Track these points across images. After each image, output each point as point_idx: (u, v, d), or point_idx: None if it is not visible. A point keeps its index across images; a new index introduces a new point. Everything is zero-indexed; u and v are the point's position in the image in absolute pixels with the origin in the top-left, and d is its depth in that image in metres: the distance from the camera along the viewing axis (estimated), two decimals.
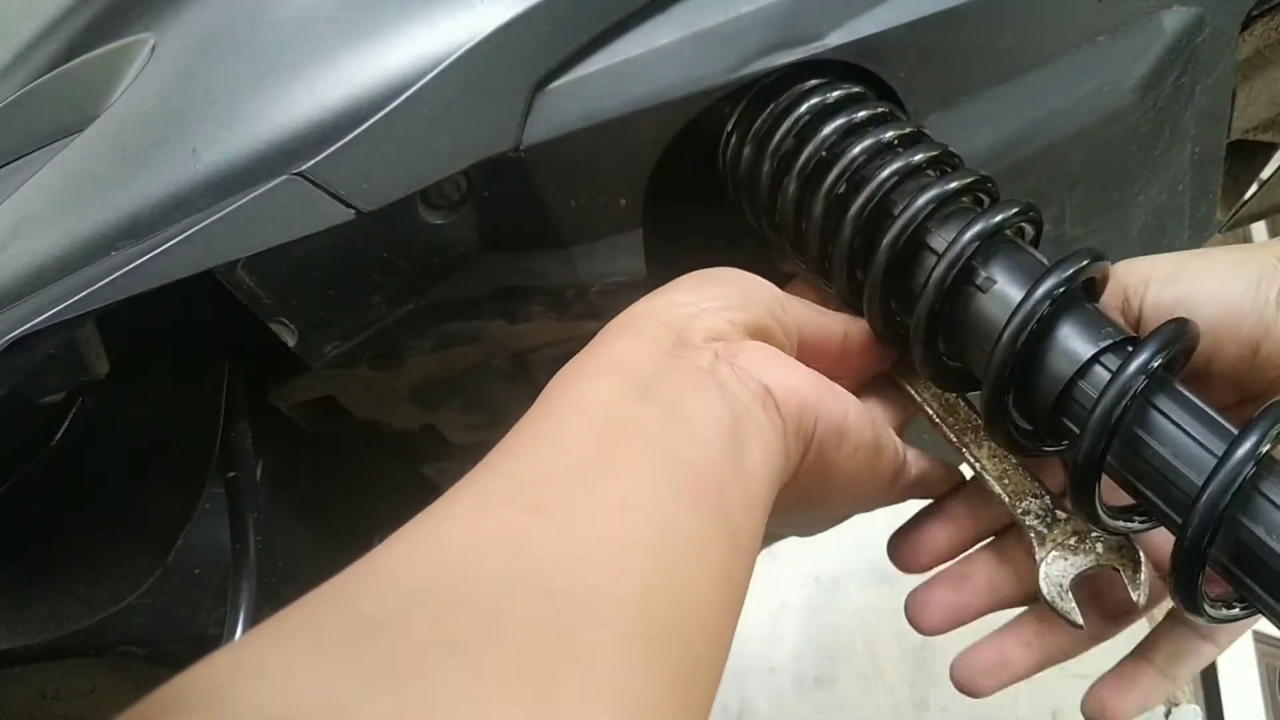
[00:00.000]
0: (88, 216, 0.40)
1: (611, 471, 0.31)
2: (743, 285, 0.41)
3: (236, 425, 0.53)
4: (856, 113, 0.43)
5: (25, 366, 0.41)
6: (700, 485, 0.31)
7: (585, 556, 0.28)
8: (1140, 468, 0.35)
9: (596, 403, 0.33)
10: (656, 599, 0.28)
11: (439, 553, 0.27)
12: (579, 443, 0.32)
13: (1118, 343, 0.36)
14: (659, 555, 0.29)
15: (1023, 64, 0.49)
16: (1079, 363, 0.36)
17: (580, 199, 0.45)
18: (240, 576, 0.49)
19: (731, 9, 0.44)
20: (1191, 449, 0.34)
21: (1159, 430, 0.35)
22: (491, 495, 0.30)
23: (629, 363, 0.35)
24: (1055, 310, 0.37)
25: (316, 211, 0.39)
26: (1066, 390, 0.37)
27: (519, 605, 0.25)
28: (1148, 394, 0.35)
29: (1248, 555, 0.33)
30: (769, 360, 0.38)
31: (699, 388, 0.34)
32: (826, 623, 1.63)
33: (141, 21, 0.46)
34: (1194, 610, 0.35)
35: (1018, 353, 0.37)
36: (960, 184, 0.40)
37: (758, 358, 0.37)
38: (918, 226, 0.40)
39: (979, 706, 1.60)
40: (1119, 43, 0.51)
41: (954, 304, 0.39)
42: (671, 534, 0.30)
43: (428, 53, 0.41)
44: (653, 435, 0.32)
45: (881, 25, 0.45)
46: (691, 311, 0.38)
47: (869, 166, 0.42)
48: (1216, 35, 0.54)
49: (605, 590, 0.27)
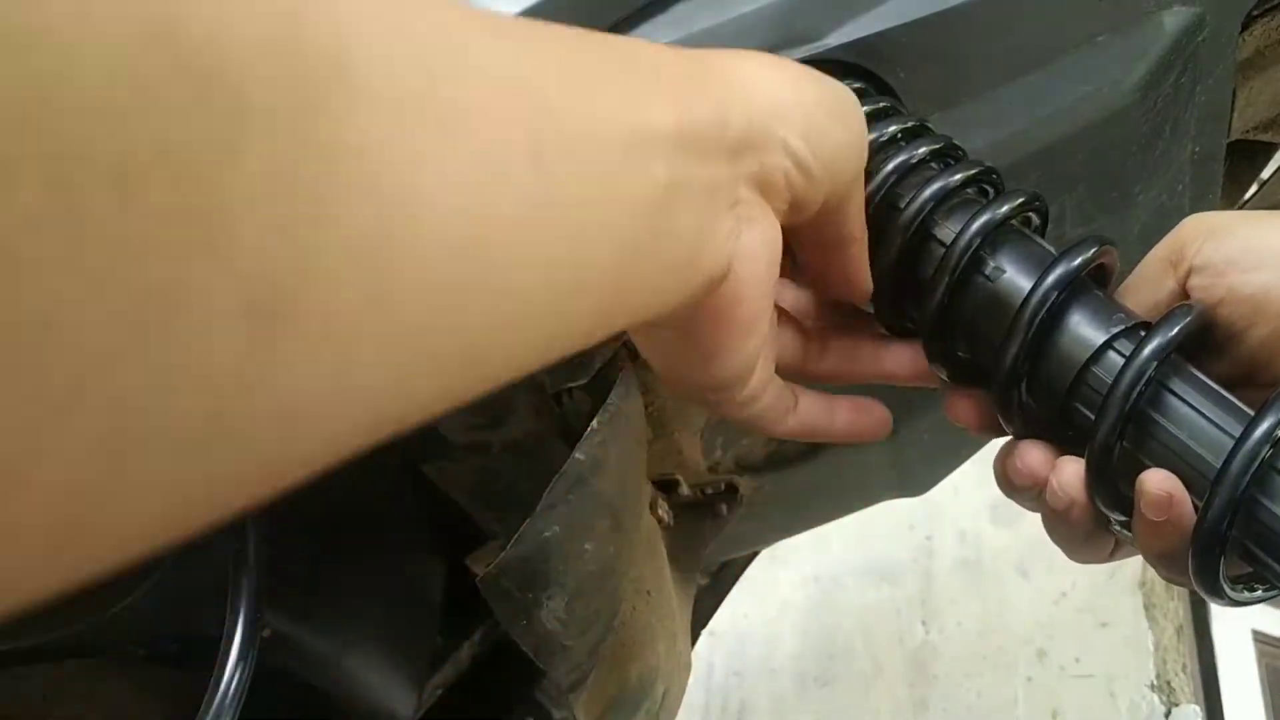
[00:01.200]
0: None
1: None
2: (850, 112, 0.36)
3: None
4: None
5: None
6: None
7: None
8: (1157, 451, 0.35)
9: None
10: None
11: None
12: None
13: (1130, 328, 0.36)
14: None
15: (1023, 64, 0.49)
16: (1092, 349, 0.36)
17: None
18: (240, 576, 0.49)
19: (731, 9, 0.44)
20: (1209, 431, 0.34)
21: (1175, 413, 0.35)
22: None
23: (692, 112, 0.29)
24: (1065, 298, 0.37)
25: None
26: (1080, 377, 0.37)
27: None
28: (1162, 377, 0.35)
29: (1268, 535, 0.33)
30: (763, 247, 0.34)
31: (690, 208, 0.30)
32: (826, 623, 1.63)
33: None
34: (1215, 593, 0.35)
35: (1029, 341, 0.37)
36: (965, 175, 0.40)
37: (758, 239, 0.34)
38: (924, 219, 0.40)
39: (979, 706, 1.61)
40: (1119, 43, 0.51)
41: (963, 295, 0.39)
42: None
43: None
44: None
45: (881, 25, 0.45)
46: (776, 130, 0.33)
47: (872, 161, 0.42)
48: (1217, 35, 0.54)
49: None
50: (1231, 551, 0.34)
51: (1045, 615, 1.52)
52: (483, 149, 0.22)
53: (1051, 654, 1.48)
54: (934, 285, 0.39)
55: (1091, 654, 1.46)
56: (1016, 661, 1.49)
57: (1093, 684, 1.43)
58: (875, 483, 0.77)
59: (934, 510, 1.64)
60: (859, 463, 0.72)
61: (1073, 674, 1.46)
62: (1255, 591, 0.36)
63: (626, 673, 0.69)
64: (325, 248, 0.18)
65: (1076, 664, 1.46)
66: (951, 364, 0.42)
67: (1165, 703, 1.38)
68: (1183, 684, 1.41)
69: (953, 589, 1.59)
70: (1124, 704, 1.40)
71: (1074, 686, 1.44)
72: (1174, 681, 1.41)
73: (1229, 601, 0.35)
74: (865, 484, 0.77)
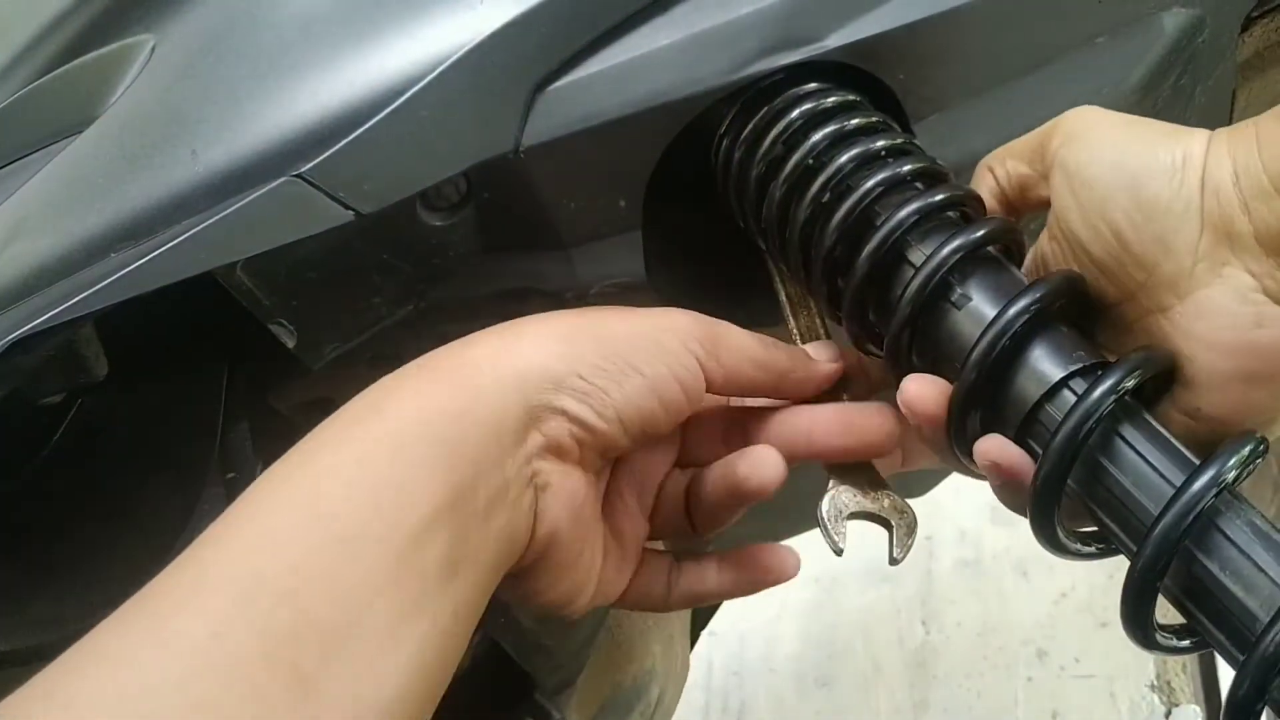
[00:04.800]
0: (87, 218, 0.40)
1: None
2: (644, 351, 0.39)
3: (236, 426, 0.53)
4: (848, 121, 0.43)
5: (25, 368, 0.41)
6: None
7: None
8: (1100, 494, 0.35)
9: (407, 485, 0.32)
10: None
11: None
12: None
13: (1088, 367, 0.36)
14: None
15: (1022, 65, 0.49)
16: (1047, 385, 0.36)
17: (580, 201, 0.45)
18: None
19: (731, 10, 0.44)
20: (1151, 478, 0.34)
21: (1120, 458, 0.34)
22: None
23: (467, 449, 0.34)
24: (1027, 331, 0.36)
25: (316, 213, 0.39)
26: (1033, 413, 0.36)
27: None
28: (1112, 420, 0.34)
29: (1199, 589, 0.32)
30: (566, 501, 0.38)
31: (491, 531, 0.34)
32: (826, 623, 1.63)
33: (141, 22, 0.46)
34: (1145, 641, 0.35)
35: (986, 372, 0.36)
36: (944, 198, 0.40)
37: (560, 497, 0.37)
38: (898, 238, 0.39)
39: (979, 706, 1.61)
40: (1119, 44, 0.51)
41: (928, 319, 0.39)
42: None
43: (427, 54, 0.41)
44: (430, 581, 0.32)
45: (880, 27, 0.45)
46: (552, 401, 0.37)
47: (855, 176, 0.42)
48: (1217, 37, 0.54)
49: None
50: (1165, 599, 0.34)
51: (1045, 615, 1.51)
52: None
53: (1051, 654, 1.48)
54: (900, 307, 0.39)
55: (1091, 654, 1.46)
56: (1016, 661, 1.48)
57: (1093, 684, 1.43)
58: None
59: (934, 510, 1.64)
60: None
61: (1073, 674, 1.46)
62: (1184, 641, 0.35)
63: (620, 674, 0.69)
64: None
65: (1076, 664, 1.46)
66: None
67: (1165, 703, 1.38)
68: (1183, 684, 1.41)
69: (953, 589, 1.59)
70: (1124, 704, 1.40)
71: (1074, 686, 1.44)
72: (1174, 681, 1.41)
73: (1159, 650, 0.35)
74: None
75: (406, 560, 0.31)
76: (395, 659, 0.30)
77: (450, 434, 0.34)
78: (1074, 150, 0.37)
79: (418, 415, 0.34)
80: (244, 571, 0.29)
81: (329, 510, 0.31)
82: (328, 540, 0.30)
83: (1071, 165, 0.37)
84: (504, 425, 0.35)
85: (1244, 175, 0.33)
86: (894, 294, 0.40)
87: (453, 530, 0.32)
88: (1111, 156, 0.36)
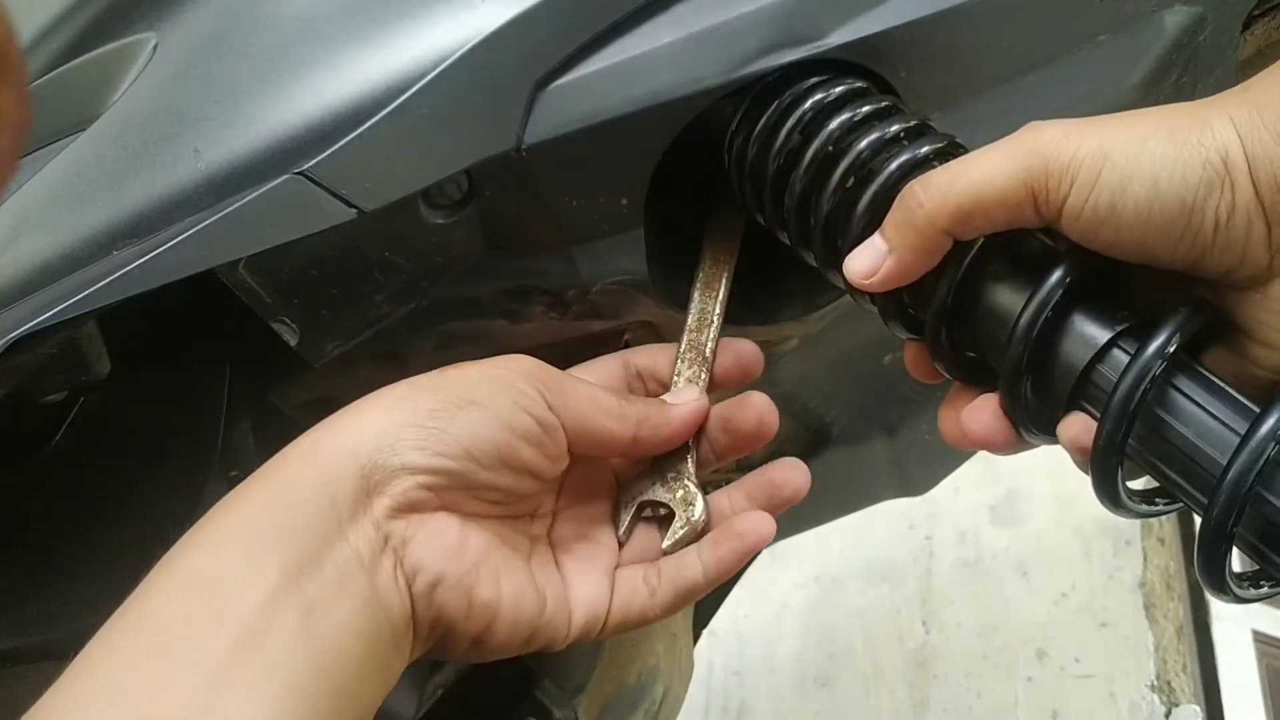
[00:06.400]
0: (89, 216, 0.40)
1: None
2: (482, 386, 0.40)
3: (238, 425, 0.53)
4: (861, 107, 0.43)
5: (27, 365, 0.41)
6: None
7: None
8: (1163, 449, 0.35)
9: (239, 591, 0.33)
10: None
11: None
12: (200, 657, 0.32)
13: (1134, 326, 0.36)
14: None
15: (1024, 63, 0.49)
16: (1096, 347, 0.36)
17: (582, 198, 0.45)
18: None
19: (733, 8, 0.44)
20: (1214, 428, 0.34)
21: (1180, 411, 0.35)
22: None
23: (294, 530, 0.35)
24: (1069, 297, 0.37)
25: (318, 211, 0.39)
26: (1085, 374, 0.37)
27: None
28: (1167, 375, 0.35)
29: (1274, 532, 0.33)
30: (439, 549, 0.38)
31: (346, 594, 0.35)
32: (826, 623, 1.63)
33: (143, 21, 0.46)
34: (1220, 590, 0.35)
35: (1034, 340, 0.37)
36: None
37: (430, 548, 0.38)
38: None
39: (979, 706, 1.61)
40: (1120, 42, 0.51)
41: (968, 294, 0.39)
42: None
43: (429, 52, 0.41)
44: (281, 653, 0.33)
45: (882, 25, 0.45)
46: (389, 461, 0.37)
47: (876, 160, 0.42)
48: (1217, 35, 0.54)
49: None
50: (1238, 547, 0.34)
51: (1045, 615, 1.51)
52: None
53: (1051, 654, 1.48)
54: (937, 283, 0.39)
55: (1091, 654, 1.46)
56: (1016, 662, 1.49)
57: (1093, 684, 1.43)
58: (876, 483, 0.77)
59: (934, 510, 1.64)
60: (860, 463, 0.72)
61: (1073, 674, 1.46)
62: (1261, 588, 0.36)
63: (625, 672, 0.69)
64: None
65: (1076, 664, 1.46)
66: (957, 362, 0.42)
67: (1165, 703, 1.38)
68: (1183, 684, 1.41)
69: (953, 589, 1.59)
70: (1124, 704, 1.40)
71: (1074, 687, 1.44)
72: (1174, 681, 1.41)
73: (1235, 599, 0.35)
74: (866, 484, 0.77)
75: (247, 640, 0.33)
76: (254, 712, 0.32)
77: (278, 520, 0.35)
78: (1094, 196, 0.34)
79: (242, 512, 0.36)
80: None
81: (159, 622, 0.34)
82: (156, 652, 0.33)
83: (1103, 211, 0.34)
84: (337, 498, 0.36)
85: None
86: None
87: (301, 603, 0.34)
88: (1143, 194, 0.34)
